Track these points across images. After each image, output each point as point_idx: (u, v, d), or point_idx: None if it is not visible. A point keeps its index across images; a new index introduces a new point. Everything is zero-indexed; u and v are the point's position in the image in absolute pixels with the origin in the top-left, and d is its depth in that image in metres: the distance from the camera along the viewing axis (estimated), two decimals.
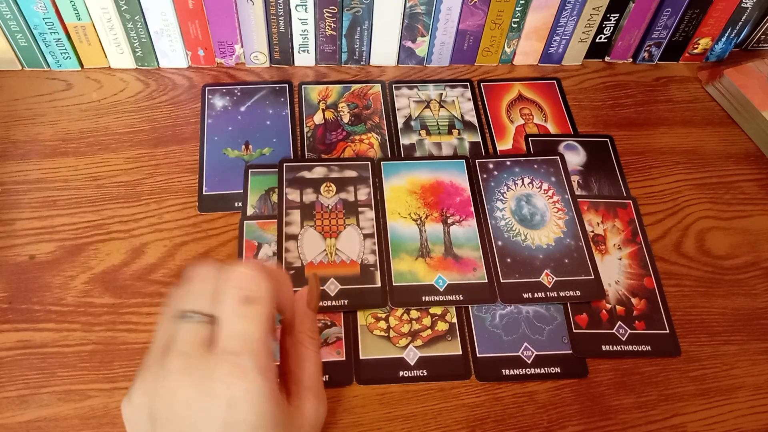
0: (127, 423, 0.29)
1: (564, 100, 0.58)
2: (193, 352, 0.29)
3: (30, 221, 0.48)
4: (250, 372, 0.28)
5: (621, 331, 0.45)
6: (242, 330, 0.29)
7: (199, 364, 0.28)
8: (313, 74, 0.59)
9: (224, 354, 0.28)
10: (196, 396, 0.28)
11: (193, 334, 0.29)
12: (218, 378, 0.27)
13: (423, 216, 0.49)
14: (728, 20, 0.59)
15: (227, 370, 0.28)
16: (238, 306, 0.29)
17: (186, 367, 0.28)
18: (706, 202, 0.53)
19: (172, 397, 0.28)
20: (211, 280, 0.31)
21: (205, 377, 0.28)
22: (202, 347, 0.29)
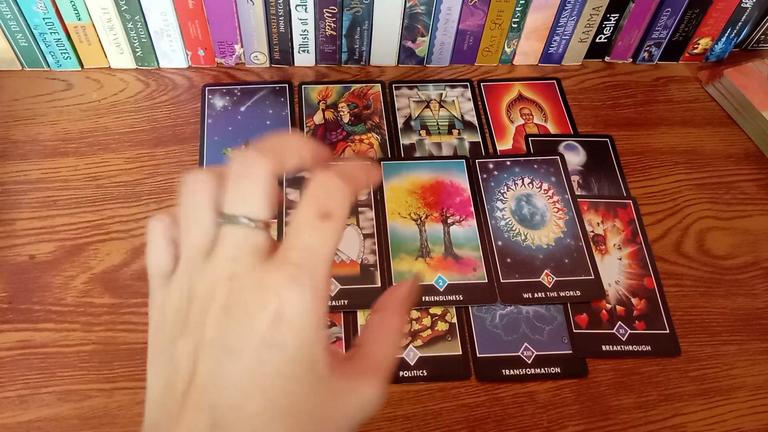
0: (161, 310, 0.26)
1: (564, 100, 0.58)
2: (244, 257, 0.24)
3: (30, 221, 0.48)
4: (307, 289, 0.23)
5: (621, 331, 0.45)
6: (310, 243, 0.25)
7: (250, 271, 0.24)
8: (313, 74, 0.59)
9: (284, 262, 0.24)
10: (239, 305, 0.24)
11: (245, 238, 0.25)
12: (270, 287, 0.23)
13: (423, 216, 0.49)
14: (728, 20, 0.59)
15: (282, 281, 0.23)
16: (313, 218, 0.25)
17: (234, 272, 0.24)
18: (706, 202, 0.53)
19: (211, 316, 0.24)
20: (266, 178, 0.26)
21: (254, 285, 0.24)
22: (255, 254, 0.25)
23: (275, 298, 0.23)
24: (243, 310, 0.23)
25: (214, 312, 0.24)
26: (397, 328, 0.29)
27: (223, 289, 0.24)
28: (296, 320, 0.23)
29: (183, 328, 0.25)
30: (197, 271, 0.25)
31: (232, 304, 0.24)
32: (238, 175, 0.26)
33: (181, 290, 0.25)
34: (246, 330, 0.23)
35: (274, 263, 0.24)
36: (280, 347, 0.23)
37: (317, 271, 0.24)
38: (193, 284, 0.25)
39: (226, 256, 0.25)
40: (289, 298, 0.23)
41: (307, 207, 0.25)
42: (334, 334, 0.44)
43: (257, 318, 0.23)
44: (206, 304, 0.24)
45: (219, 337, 0.24)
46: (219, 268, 0.24)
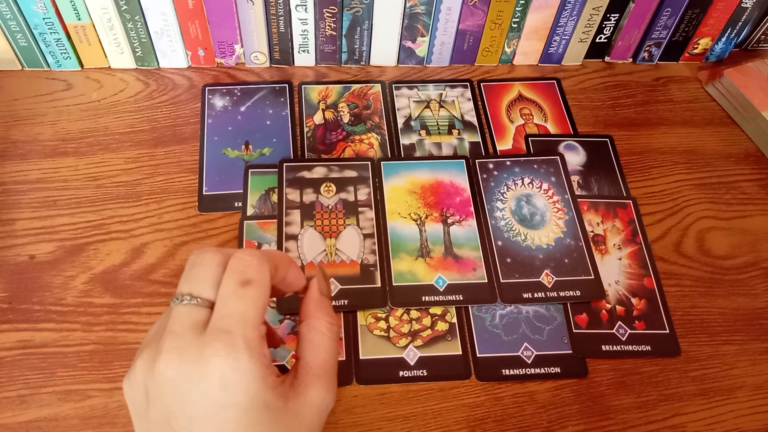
0: (128, 401, 0.30)
1: (564, 100, 0.58)
2: (184, 332, 0.28)
3: (30, 221, 0.48)
4: (242, 351, 0.27)
5: (621, 331, 0.45)
6: (235, 309, 0.29)
7: (189, 344, 0.28)
8: (313, 74, 0.59)
9: (215, 332, 0.28)
10: (187, 376, 0.27)
11: (187, 315, 0.29)
12: (208, 356, 0.27)
13: (423, 216, 0.49)
14: (728, 20, 0.59)
15: (217, 348, 0.27)
16: (235, 287, 0.29)
17: (177, 346, 0.28)
18: (706, 202, 0.53)
19: (162, 377, 0.27)
20: (211, 265, 0.30)
21: (195, 357, 0.27)
22: (195, 328, 0.28)
23: (217, 366, 0.27)
24: (191, 381, 0.27)
25: (169, 386, 0.27)
26: (325, 329, 0.32)
27: (172, 364, 0.27)
28: (241, 380, 0.27)
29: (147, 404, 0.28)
30: (153, 350, 0.29)
31: (181, 377, 0.27)
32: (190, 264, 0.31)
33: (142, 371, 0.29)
34: (200, 398, 0.27)
35: (208, 334, 0.28)
36: (235, 406, 0.27)
37: (248, 333, 0.28)
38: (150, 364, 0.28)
39: (171, 331, 0.28)
40: (228, 363, 0.27)
41: (229, 279, 0.29)
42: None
43: (206, 386, 0.27)
44: (160, 378, 0.28)
45: (179, 407, 0.27)
46: (166, 344, 0.28)
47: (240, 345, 0.27)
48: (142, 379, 0.28)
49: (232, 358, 0.27)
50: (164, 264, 0.46)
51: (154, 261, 0.46)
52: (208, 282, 0.30)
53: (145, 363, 0.28)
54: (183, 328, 0.28)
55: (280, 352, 0.43)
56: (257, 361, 0.28)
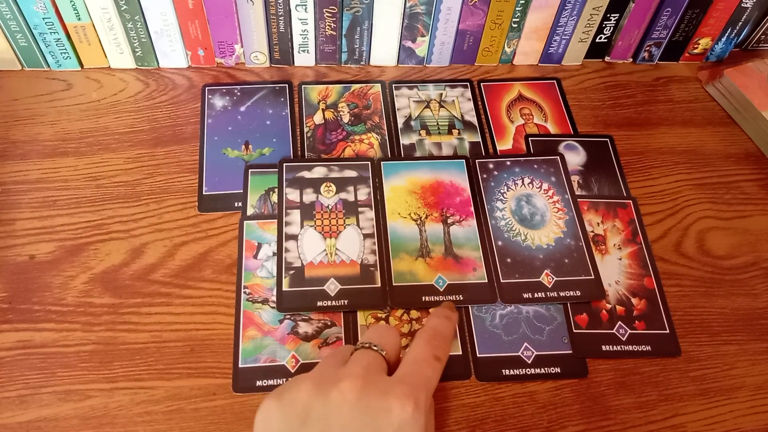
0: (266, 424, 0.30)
1: (564, 100, 0.58)
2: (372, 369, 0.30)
3: (30, 221, 0.48)
4: (421, 407, 0.29)
5: (621, 331, 0.45)
6: (424, 373, 0.31)
7: (376, 380, 0.30)
8: (313, 74, 0.59)
9: (405, 382, 0.30)
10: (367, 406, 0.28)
11: (374, 358, 0.31)
12: (394, 398, 0.29)
13: (423, 216, 0.49)
14: (728, 20, 0.59)
15: (405, 394, 0.29)
16: (428, 356, 0.32)
17: (365, 377, 0.29)
18: (706, 202, 0.53)
19: (342, 398, 0.29)
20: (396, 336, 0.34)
21: (380, 393, 0.29)
22: (380, 371, 0.31)
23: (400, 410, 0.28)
24: (369, 411, 0.28)
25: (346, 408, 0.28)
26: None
27: (357, 389, 0.29)
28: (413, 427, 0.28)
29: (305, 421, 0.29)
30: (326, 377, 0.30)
31: (361, 404, 0.28)
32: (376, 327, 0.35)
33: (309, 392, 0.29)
34: (369, 429, 0.28)
35: (398, 381, 0.30)
36: None
37: (429, 395, 0.31)
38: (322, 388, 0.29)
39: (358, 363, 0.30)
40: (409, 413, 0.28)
41: (426, 346, 0.33)
42: (333, 334, 0.44)
43: (382, 422, 0.28)
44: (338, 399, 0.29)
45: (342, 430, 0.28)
46: (354, 371, 0.30)
47: (421, 402, 0.29)
48: (305, 401, 0.29)
49: (414, 410, 0.29)
50: (164, 264, 0.46)
51: (154, 261, 0.46)
52: (391, 344, 0.33)
53: (314, 386, 0.29)
54: (370, 366, 0.31)
55: (280, 352, 0.43)
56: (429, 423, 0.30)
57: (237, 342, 0.43)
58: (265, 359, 0.42)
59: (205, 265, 0.46)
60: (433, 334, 0.34)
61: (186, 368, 0.42)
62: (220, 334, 0.43)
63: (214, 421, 0.40)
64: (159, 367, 0.42)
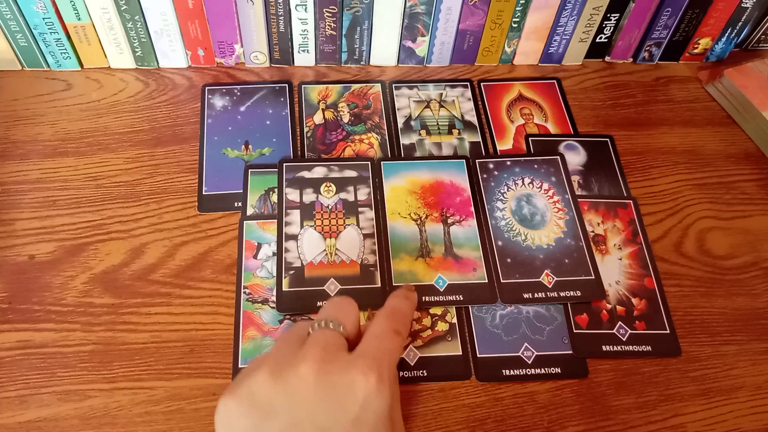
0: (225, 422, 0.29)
1: (564, 100, 0.58)
2: (329, 348, 0.29)
3: (30, 221, 0.48)
4: (385, 380, 0.28)
5: (621, 332, 0.45)
6: (386, 346, 0.31)
7: (336, 358, 0.29)
8: (313, 74, 0.59)
9: (366, 356, 0.29)
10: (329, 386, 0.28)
11: (332, 336, 0.30)
12: (357, 373, 0.28)
13: (423, 216, 0.49)
14: (728, 20, 0.58)
15: (367, 368, 0.28)
16: (387, 330, 0.32)
17: (323, 358, 0.28)
18: (706, 202, 0.53)
19: (303, 383, 0.28)
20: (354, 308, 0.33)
21: (341, 370, 0.28)
22: (339, 348, 0.30)
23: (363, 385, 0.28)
24: (333, 391, 0.28)
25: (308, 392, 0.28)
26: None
27: (315, 371, 0.28)
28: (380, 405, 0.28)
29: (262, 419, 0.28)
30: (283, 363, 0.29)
31: (323, 385, 0.28)
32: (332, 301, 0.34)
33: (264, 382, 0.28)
34: (335, 409, 0.27)
35: (358, 356, 0.29)
36: (366, 422, 0.27)
37: (392, 368, 0.30)
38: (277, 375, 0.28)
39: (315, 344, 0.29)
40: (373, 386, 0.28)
41: (384, 320, 0.32)
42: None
43: (347, 399, 0.27)
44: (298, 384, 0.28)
45: (308, 416, 0.27)
46: (310, 354, 0.29)
47: (385, 373, 0.29)
48: (264, 392, 0.28)
49: (378, 381, 0.28)
50: (164, 264, 0.46)
51: (153, 261, 0.46)
52: (350, 320, 0.32)
53: (270, 375, 0.28)
54: (328, 345, 0.30)
55: None
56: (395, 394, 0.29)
57: (237, 342, 0.43)
58: None
59: (205, 265, 0.46)
60: (391, 311, 0.34)
61: (186, 368, 0.42)
62: (220, 334, 0.43)
63: (214, 422, 0.40)
64: (159, 367, 0.42)
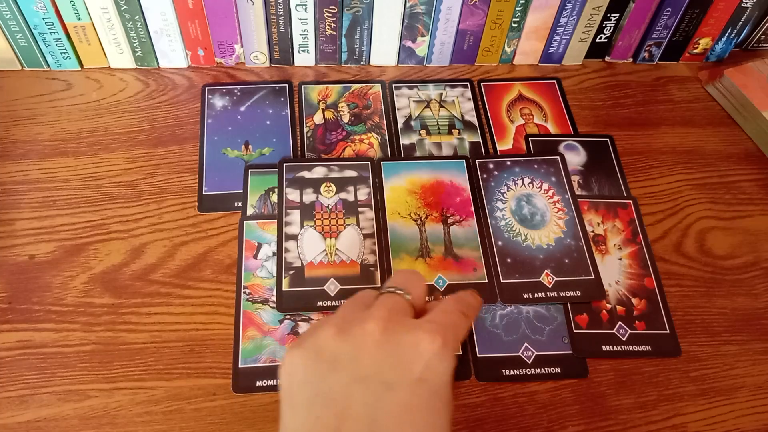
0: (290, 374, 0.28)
1: (564, 100, 0.58)
2: (397, 309, 0.29)
3: (30, 221, 0.48)
4: (450, 347, 0.28)
5: (621, 331, 0.45)
6: (454, 321, 0.30)
7: (403, 319, 0.29)
8: (313, 74, 0.59)
9: (434, 322, 0.29)
10: (396, 343, 0.28)
11: (399, 300, 0.30)
12: (422, 334, 0.28)
13: (423, 216, 0.49)
14: (728, 20, 0.58)
15: (433, 331, 0.28)
16: (457, 308, 0.31)
17: (390, 317, 0.28)
18: (706, 202, 0.53)
19: (370, 338, 0.28)
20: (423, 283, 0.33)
21: (408, 329, 0.28)
22: (406, 312, 0.30)
23: (428, 346, 0.27)
24: (398, 348, 0.27)
25: (374, 347, 0.28)
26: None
27: (384, 327, 0.28)
28: (442, 369, 0.27)
29: (326, 372, 0.27)
30: (349, 320, 0.29)
31: (390, 341, 0.28)
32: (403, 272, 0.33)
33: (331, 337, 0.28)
34: (400, 366, 0.27)
35: (426, 321, 0.29)
36: (429, 383, 0.27)
37: (458, 336, 0.30)
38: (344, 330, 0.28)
39: (382, 305, 0.29)
40: (437, 349, 0.27)
41: (456, 301, 0.32)
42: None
43: (411, 357, 0.27)
44: (365, 339, 0.28)
45: (374, 371, 0.27)
46: (377, 312, 0.29)
47: (450, 341, 0.28)
48: (330, 345, 0.28)
49: (442, 347, 0.28)
50: (164, 264, 0.46)
51: (153, 261, 0.46)
52: (418, 290, 0.32)
53: (337, 331, 0.28)
54: (395, 307, 0.30)
55: (280, 352, 0.43)
56: (454, 367, 0.28)
57: (237, 342, 0.43)
58: (265, 359, 0.42)
59: (205, 265, 0.46)
60: (459, 297, 0.33)
61: (186, 368, 0.42)
62: (220, 334, 0.43)
63: (214, 421, 0.40)
64: (159, 367, 0.42)
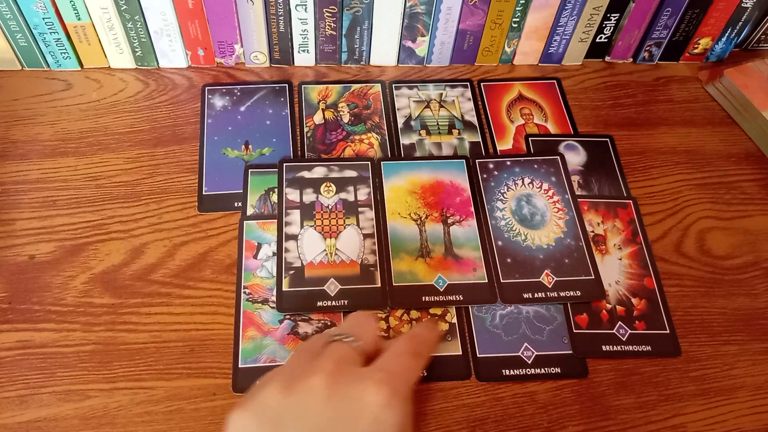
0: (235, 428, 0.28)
1: (564, 100, 0.58)
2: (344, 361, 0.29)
3: (30, 221, 0.48)
4: (400, 397, 0.27)
5: (621, 331, 0.45)
6: (404, 364, 0.30)
7: (350, 372, 0.28)
8: (313, 74, 0.59)
9: (382, 370, 0.28)
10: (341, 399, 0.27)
11: (346, 351, 0.30)
12: (370, 387, 0.27)
13: (423, 216, 0.49)
14: (728, 20, 0.58)
15: (381, 383, 0.27)
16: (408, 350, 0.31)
17: (337, 370, 0.28)
18: (706, 202, 0.53)
19: (314, 394, 0.27)
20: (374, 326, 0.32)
21: (354, 382, 0.27)
22: (354, 362, 0.29)
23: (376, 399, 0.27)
24: (343, 404, 0.27)
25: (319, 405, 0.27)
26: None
27: (328, 383, 0.27)
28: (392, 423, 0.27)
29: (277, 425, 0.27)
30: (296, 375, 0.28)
31: (335, 397, 0.27)
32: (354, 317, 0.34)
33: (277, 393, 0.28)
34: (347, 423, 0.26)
35: (375, 370, 0.28)
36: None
37: (409, 380, 0.29)
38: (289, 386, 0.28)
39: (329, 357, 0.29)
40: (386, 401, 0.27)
41: (407, 341, 0.31)
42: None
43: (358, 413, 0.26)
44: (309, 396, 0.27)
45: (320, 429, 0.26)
46: (322, 366, 0.28)
47: (400, 388, 0.28)
48: (275, 404, 0.27)
49: (390, 397, 0.27)
50: (164, 264, 0.46)
51: (153, 261, 0.46)
52: (368, 335, 0.31)
53: (282, 387, 0.28)
54: (342, 358, 0.29)
55: (280, 352, 0.43)
56: (408, 414, 0.28)
57: (237, 342, 0.43)
58: (265, 359, 0.42)
59: (204, 265, 0.46)
60: (413, 334, 0.33)
61: (186, 368, 0.42)
62: (220, 334, 0.43)
63: (214, 421, 0.40)
64: (159, 367, 0.42)
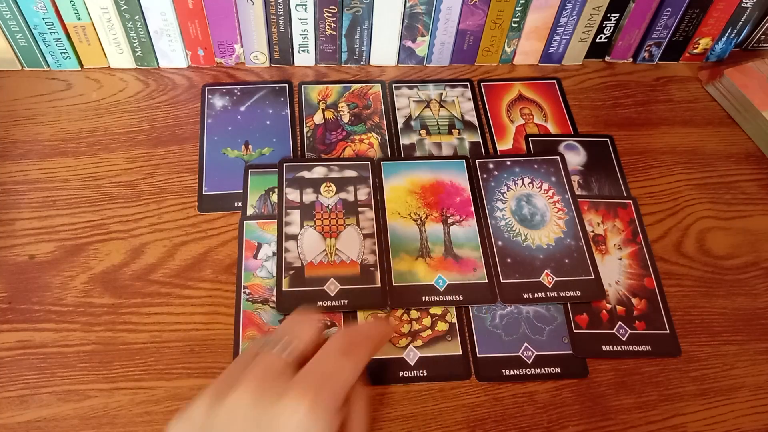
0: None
1: (564, 100, 0.58)
2: (271, 371, 0.29)
3: (30, 221, 0.48)
4: (322, 411, 0.27)
5: (621, 332, 0.45)
6: (325, 369, 0.29)
7: (271, 387, 0.28)
8: (313, 74, 0.59)
9: (303, 384, 0.28)
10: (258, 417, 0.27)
11: (273, 362, 0.29)
12: (289, 403, 0.27)
13: (423, 216, 0.49)
14: (728, 20, 0.58)
15: (299, 392, 0.27)
16: (334, 352, 0.30)
17: (256, 386, 0.28)
18: (706, 202, 0.53)
19: (232, 413, 0.27)
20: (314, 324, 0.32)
21: (273, 399, 0.27)
22: (282, 371, 0.29)
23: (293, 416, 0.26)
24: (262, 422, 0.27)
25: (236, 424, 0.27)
26: None
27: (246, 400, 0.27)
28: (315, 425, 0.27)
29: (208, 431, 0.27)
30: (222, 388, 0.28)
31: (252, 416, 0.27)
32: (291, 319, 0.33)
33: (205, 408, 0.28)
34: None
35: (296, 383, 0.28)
36: None
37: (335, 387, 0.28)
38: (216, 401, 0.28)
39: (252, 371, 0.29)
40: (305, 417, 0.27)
41: (335, 344, 0.30)
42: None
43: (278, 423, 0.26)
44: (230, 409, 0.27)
45: None
46: (244, 381, 0.28)
47: (323, 397, 0.27)
48: (203, 415, 0.28)
49: (311, 408, 0.27)
50: (164, 264, 0.46)
51: (153, 261, 0.46)
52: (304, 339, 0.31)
53: (210, 400, 0.28)
54: (269, 368, 0.29)
55: None
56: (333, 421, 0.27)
57: (237, 342, 0.43)
58: None
59: (204, 265, 0.46)
60: (345, 332, 0.32)
61: (186, 368, 0.42)
62: (219, 334, 0.43)
63: None
64: (159, 367, 0.42)
